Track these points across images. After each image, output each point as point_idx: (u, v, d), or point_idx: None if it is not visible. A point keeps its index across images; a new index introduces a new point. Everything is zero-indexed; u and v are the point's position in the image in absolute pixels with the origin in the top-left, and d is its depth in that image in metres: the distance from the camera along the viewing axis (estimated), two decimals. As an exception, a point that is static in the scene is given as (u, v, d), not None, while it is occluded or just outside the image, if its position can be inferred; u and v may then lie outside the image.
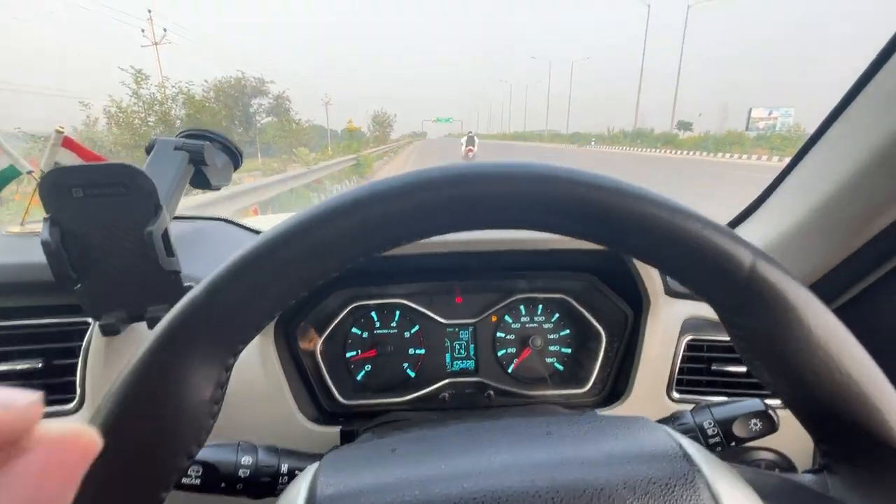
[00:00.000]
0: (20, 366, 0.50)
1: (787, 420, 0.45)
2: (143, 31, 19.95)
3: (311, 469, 0.29)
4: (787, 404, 0.28)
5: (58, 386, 0.51)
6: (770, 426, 0.43)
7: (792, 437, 0.59)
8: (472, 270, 0.68)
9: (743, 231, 0.70)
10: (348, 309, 0.66)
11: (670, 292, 0.64)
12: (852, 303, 0.60)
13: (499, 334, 0.70)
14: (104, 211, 0.44)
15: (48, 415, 0.47)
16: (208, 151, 0.59)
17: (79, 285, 0.46)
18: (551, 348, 0.70)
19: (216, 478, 0.39)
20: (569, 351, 0.70)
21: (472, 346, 0.70)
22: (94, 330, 0.52)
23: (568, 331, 0.70)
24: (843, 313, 0.61)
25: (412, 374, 0.68)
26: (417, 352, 0.69)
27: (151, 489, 0.25)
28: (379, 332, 0.68)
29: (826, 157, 0.56)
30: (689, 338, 0.62)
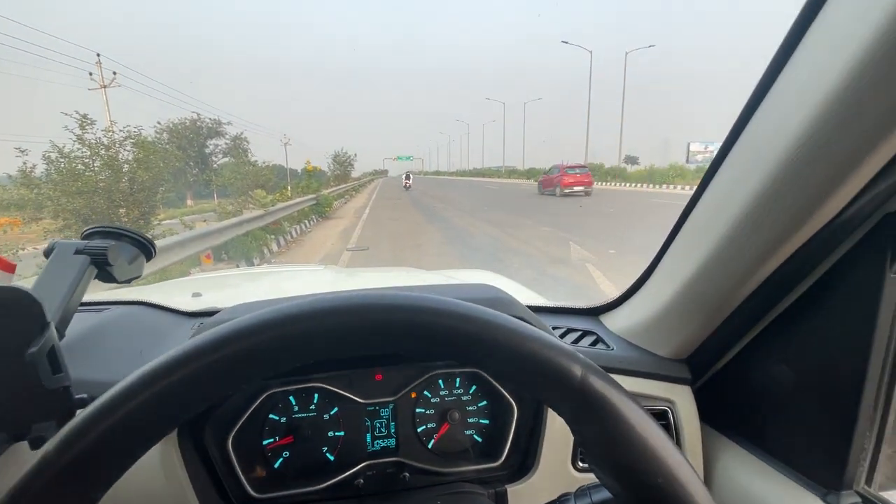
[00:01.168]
0: None
1: None
2: (90, 74, 19.44)
3: None
4: (617, 497, 0.32)
5: None
6: None
7: None
8: (384, 356, 0.70)
9: (624, 310, 0.76)
10: (262, 397, 0.66)
11: None
12: (722, 372, 0.66)
13: (418, 410, 0.71)
14: None
15: None
16: (112, 252, 0.59)
17: None
18: (470, 420, 0.72)
19: None
20: (487, 422, 0.72)
21: (392, 423, 0.70)
22: None
23: (486, 402, 0.72)
24: (714, 381, 0.68)
25: (331, 458, 0.68)
26: (337, 434, 0.69)
27: None
28: (297, 416, 0.68)
29: (687, 241, 0.63)
30: None
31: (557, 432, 0.65)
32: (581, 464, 0.65)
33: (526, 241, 7.84)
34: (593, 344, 0.77)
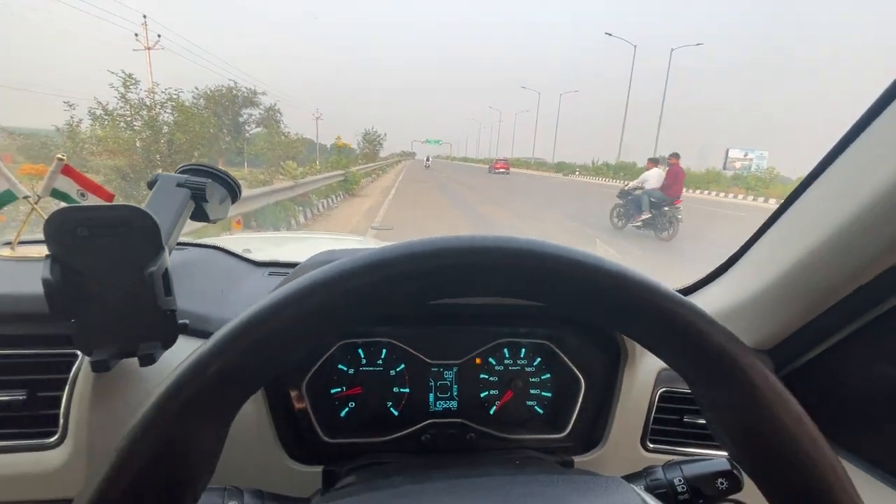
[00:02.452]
0: (7, 396, 0.49)
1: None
2: (136, 35, 19.86)
3: None
4: (743, 466, 0.31)
5: (41, 419, 0.50)
6: (735, 485, 0.45)
7: (759, 498, 0.61)
8: (459, 316, 0.70)
9: (704, 296, 0.74)
10: (336, 346, 0.67)
11: None
12: (808, 366, 0.64)
13: (482, 375, 0.71)
14: (106, 250, 0.45)
15: (29, 448, 0.47)
16: (209, 189, 0.61)
17: (73, 320, 0.46)
18: (532, 391, 0.72)
19: None
20: (549, 395, 0.72)
21: (455, 386, 0.71)
22: (81, 363, 0.52)
23: (549, 375, 0.72)
24: (799, 375, 0.66)
25: (395, 413, 0.69)
26: (402, 390, 0.70)
27: None
28: (365, 369, 0.69)
29: (787, 232, 0.61)
30: (663, 389, 0.65)
31: (630, 411, 0.64)
32: (651, 444, 0.65)
33: (554, 237, 7.79)
34: None
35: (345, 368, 0.69)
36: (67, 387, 0.51)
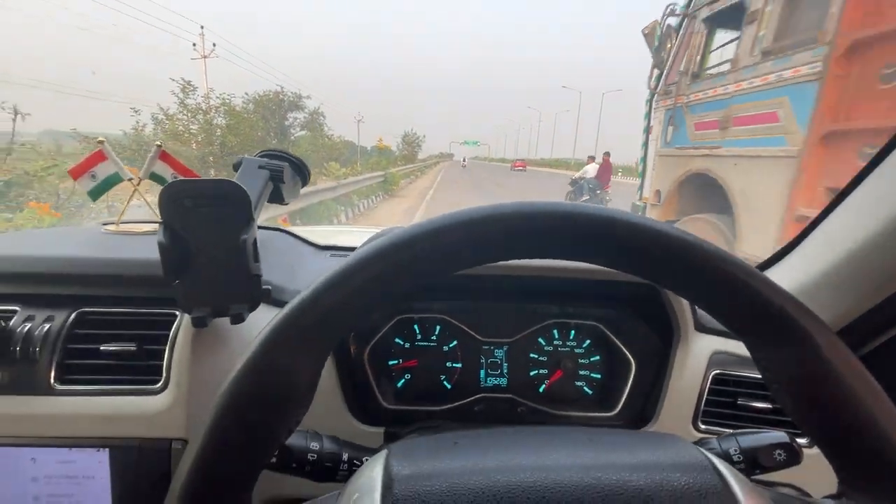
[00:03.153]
0: (119, 347, 0.57)
1: (810, 459, 0.47)
2: (194, 45, 21.16)
3: (381, 455, 0.34)
4: (809, 433, 0.32)
5: (148, 368, 0.57)
6: (793, 457, 0.46)
7: (813, 476, 0.60)
8: (511, 293, 0.73)
9: (774, 273, 0.73)
10: (393, 321, 0.72)
11: (700, 327, 0.67)
12: (882, 348, 0.62)
13: (532, 355, 0.74)
14: (206, 219, 0.51)
15: (138, 393, 0.54)
16: (286, 171, 0.67)
17: (177, 282, 0.53)
18: (581, 372, 0.73)
19: (289, 459, 0.45)
20: (598, 376, 0.73)
21: (505, 364, 0.74)
22: (180, 321, 0.59)
23: (598, 357, 0.73)
24: (871, 359, 0.64)
25: (448, 386, 0.73)
26: (454, 365, 0.73)
27: (259, 455, 0.30)
28: (420, 343, 0.73)
29: (861, 206, 0.60)
30: (716, 371, 0.65)
31: (681, 392, 0.64)
32: (703, 425, 0.65)
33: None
34: None
35: (401, 342, 0.73)
36: (169, 341, 0.58)
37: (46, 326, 0.57)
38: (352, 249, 0.95)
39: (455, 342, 0.74)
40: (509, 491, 0.29)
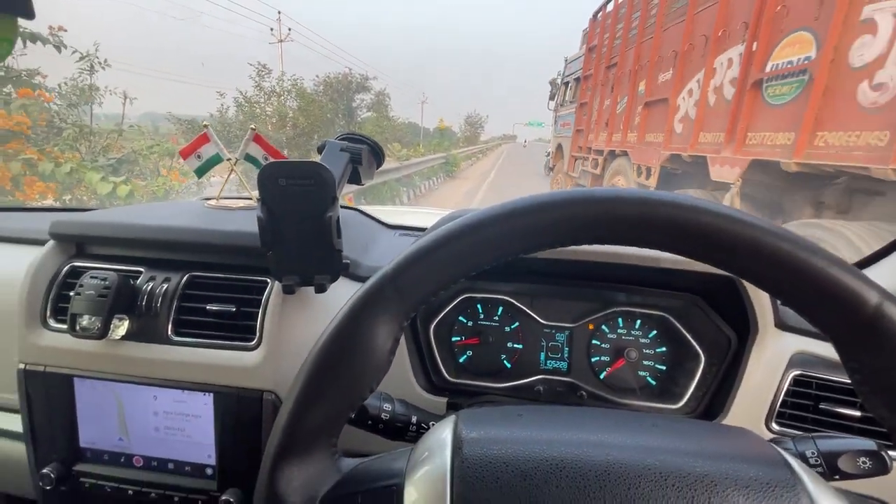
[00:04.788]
0: (222, 308, 0.65)
1: None
2: (271, 29, 22.27)
3: (450, 419, 0.37)
4: None
5: (244, 328, 0.66)
6: (881, 467, 0.43)
7: None
8: (576, 278, 0.73)
9: (873, 272, 0.67)
10: (458, 299, 0.75)
11: (781, 325, 0.64)
12: None
13: (594, 342, 0.74)
14: (296, 198, 0.57)
15: (237, 348, 0.61)
16: (364, 154, 0.71)
17: (270, 253, 0.59)
18: (645, 363, 0.72)
19: (366, 416, 0.50)
20: (663, 368, 0.72)
21: (566, 348, 0.74)
22: (271, 288, 0.66)
23: (664, 348, 0.72)
24: None
25: (508, 366, 0.75)
26: (515, 346, 0.75)
27: (345, 408, 0.34)
28: (482, 323, 0.76)
29: None
30: (797, 373, 0.62)
31: (754, 390, 0.62)
32: (776, 425, 0.62)
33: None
34: None
35: (464, 321, 0.76)
36: (262, 305, 0.65)
37: (165, 286, 0.67)
38: (418, 229, 0.99)
39: (517, 324, 0.75)
40: (572, 464, 0.30)
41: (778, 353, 0.63)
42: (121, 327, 0.64)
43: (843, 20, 2.59)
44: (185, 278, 0.67)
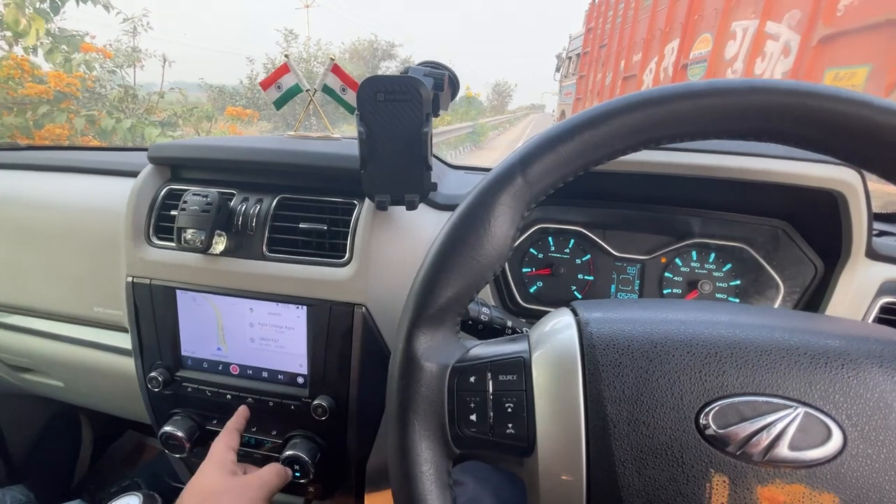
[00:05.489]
0: (314, 227, 0.68)
1: None
2: (297, -6, 21.95)
3: (563, 309, 0.39)
4: None
5: (335, 246, 0.69)
6: None
7: None
8: (653, 202, 0.72)
9: None
10: (531, 230, 0.76)
11: (872, 253, 0.62)
12: None
13: (666, 274, 0.74)
14: (392, 113, 0.58)
15: (329, 265, 0.65)
16: (445, 80, 0.72)
17: (363, 171, 0.61)
18: (718, 296, 0.72)
19: (467, 316, 0.52)
20: (737, 300, 0.72)
21: (637, 281, 0.75)
22: (360, 208, 0.69)
23: (738, 281, 0.72)
24: None
25: (579, 296, 0.77)
26: (586, 278, 0.76)
27: (471, 287, 0.36)
28: (553, 255, 0.77)
29: None
30: (886, 300, 0.61)
31: (842, 314, 0.61)
32: None
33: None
34: None
35: (535, 252, 0.78)
36: (351, 225, 0.68)
37: (258, 207, 0.70)
38: (482, 169, 1.00)
39: (588, 256, 0.76)
40: (702, 338, 0.31)
41: (868, 282, 0.62)
42: (220, 243, 0.69)
43: (723, 29, 4.48)
44: (276, 200, 0.71)
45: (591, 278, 0.76)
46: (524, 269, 0.78)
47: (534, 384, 0.34)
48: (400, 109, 0.58)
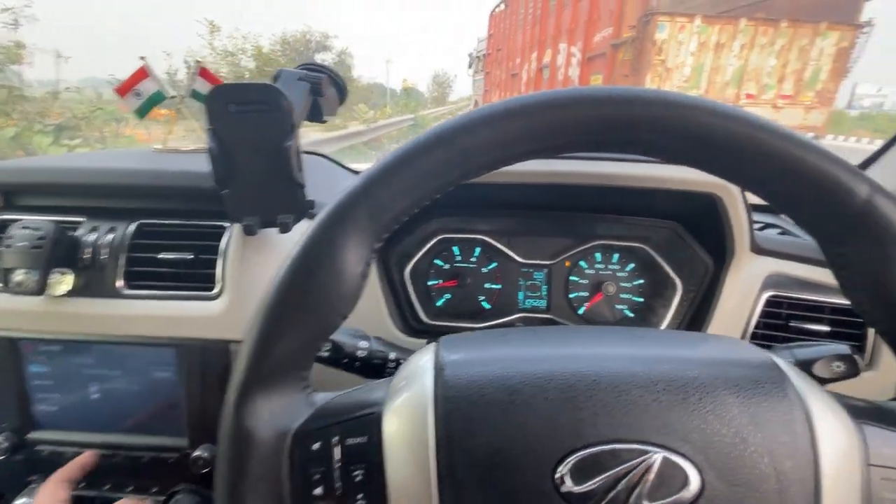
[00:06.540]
0: (177, 256, 0.60)
1: (865, 380, 0.45)
2: (218, -18, 20.54)
3: (430, 346, 0.35)
4: (884, 332, 0.30)
5: (204, 276, 0.61)
6: (853, 370, 0.44)
7: (868, 396, 0.58)
8: (554, 208, 0.71)
9: (869, 173, 0.68)
10: (433, 241, 0.72)
11: (756, 248, 0.64)
12: None
13: (572, 278, 0.73)
14: (250, 126, 0.51)
15: (198, 298, 0.56)
16: (325, 84, 0.65)
17: (226, 191, 0.54)
18: (623, 296, 0.72)
19: (341, 354, 0.47)
20: (640, 300, 0.72)
21: (545, 286, 0.74)
22: (230, 233, 0.61)
23: (642, 280, 0.72)
24: None
25: (487, 306, 0.74)
26: (493, 286, 0.74)
27: (315, 337, 0.31)
28: (459, 265, 0.74)
29: None
30: (770, 294, 0.63)
31: (730, 315, 0.63)
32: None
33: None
34: None
35: (441, 263, 0.74)
36: (220, 251, 0.60)
37: (110, 236, 0.61)
38: None
39: (495, 264, 0.73)
40: (561, 377, 0.28)
41: (753, 276, 0.63)
42: (63, 282, 0.58)
43: (555, 47, 9.64)
44: (133, 227, 0.61)
45: (499, 287, 0.74)
46: (430, 282, 0.74)
47: (384, 448, 0.29)
48: (259, 121, 0.51)
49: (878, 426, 0.28)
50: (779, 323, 0.63)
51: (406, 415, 0.29)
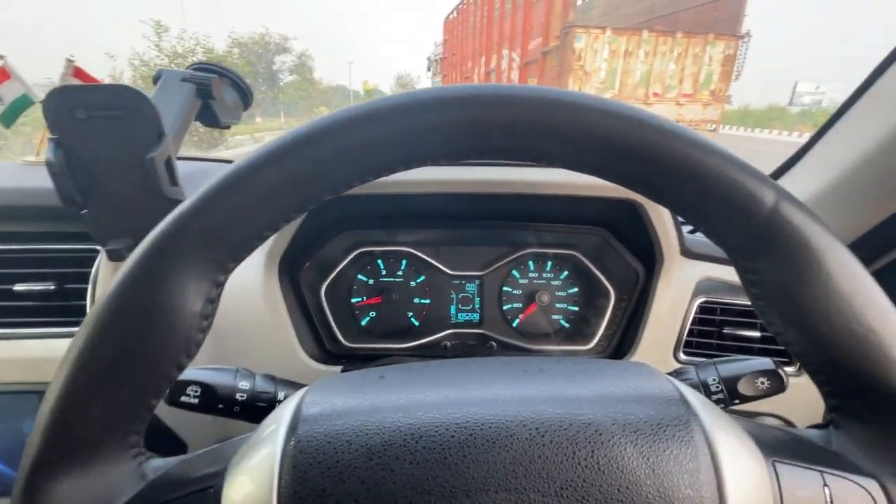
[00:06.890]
0: (36, 287, 0.51)
1: (795, 388, 0.43)
2: (167, -19, 19.66)
3: (300, 392, 0.29)
4: (798, 355, 0.26)
5: (71, 308, 0.52)
6: (778, 385, 0.41)
7: (799, 404, 0.57)
8: (481, 218, 0.67)
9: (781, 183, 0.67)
10: (354, 254, 0.66)
11: (686, 252, 0.62)
12: (892, 266, 0.56)
13: (505, 289, 0.69)
14: (108, 136, 0.44)
15: (62, 336, 0.48)
16: (216, 86, 0.58)
17: (85, 211, 0.46)
18: (558, 305, 0.69)
19: (214, 399, 0.40)
20: (575, 309, 0.69)
21: (477, 298, 0.69)
22: (102, 257, 0.53)
23: (576, 289, 0.69)
24: (881, 277, 0.58)
25: (416, 323, 0.69)
26: (422, 301, 0.68)
27: (142, 394, 0.25)
28: (385, 279, 0.68)
29: (872, 111, 0.52)
30: (702, 299, 0.60)
31: (663, 321, 0.60)
32: (684, 355, 0.61)
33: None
34: None
35: (365, 279, 0.68)
36: (91, 279, 0.52)
37: None
38: None
39: (423, 277, 0.68)
40: (431, 430, 0.24)
41: (684, 282, 0.61)
42: None
43: (499, 52, 10.85)
44: None
45: (428, 301, 0.69)
46: (354, 299, 0.68)
47: None
48: (117, 129, 0.44)
49: (791, 464, 0.25)
50: (712, 330, 0.61)
51: (246, 489, 0.24)
